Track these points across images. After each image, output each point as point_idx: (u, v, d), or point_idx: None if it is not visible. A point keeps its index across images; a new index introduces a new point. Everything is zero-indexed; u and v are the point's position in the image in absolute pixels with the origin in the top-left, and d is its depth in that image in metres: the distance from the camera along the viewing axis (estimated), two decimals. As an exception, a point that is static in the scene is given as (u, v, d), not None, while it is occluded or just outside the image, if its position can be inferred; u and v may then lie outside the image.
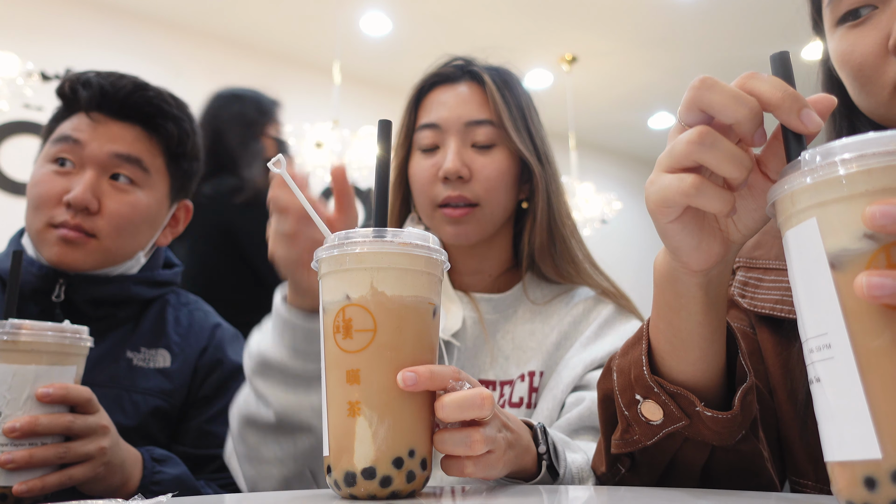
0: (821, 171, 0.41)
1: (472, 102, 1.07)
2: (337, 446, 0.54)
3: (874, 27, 0.69)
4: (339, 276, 0.56)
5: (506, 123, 1.05)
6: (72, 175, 1.10)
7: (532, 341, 1.04)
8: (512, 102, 1.08)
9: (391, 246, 0.56)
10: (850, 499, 0.40)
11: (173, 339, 1.18)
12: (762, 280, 0.82)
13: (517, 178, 1.09)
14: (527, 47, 5.02)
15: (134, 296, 1.16)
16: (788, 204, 0.44)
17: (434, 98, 1.10)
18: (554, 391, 0.96)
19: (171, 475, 0.99)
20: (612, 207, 5.38)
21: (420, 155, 1.09)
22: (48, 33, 4.18)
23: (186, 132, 1.20)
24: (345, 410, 0.54)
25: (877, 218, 0.37)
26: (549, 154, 1.11)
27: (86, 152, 1.10)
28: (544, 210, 1.07)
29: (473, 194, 1.03)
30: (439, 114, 1.07)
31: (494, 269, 1.12)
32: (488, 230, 1.07)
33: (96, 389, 1.09)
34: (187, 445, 1.14)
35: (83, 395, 0.83)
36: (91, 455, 0.83)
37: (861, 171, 0.39)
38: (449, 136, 1.06)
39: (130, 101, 1.13)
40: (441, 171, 1.03)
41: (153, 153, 1.16)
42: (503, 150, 1.07)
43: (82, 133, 1.11)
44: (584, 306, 1.06)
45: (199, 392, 1.17)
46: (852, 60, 0.71)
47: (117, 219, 1.10)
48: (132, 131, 1.14)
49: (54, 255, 1.08)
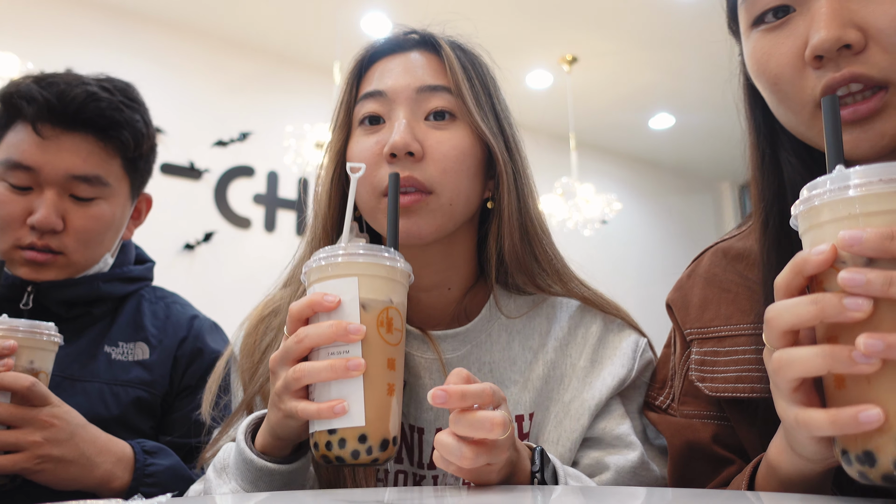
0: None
1: (425, 68, 0.89)
2: (376, 418, 0.65)
3: (791, 33, 0.64)
4: (385, 281, 0.68)
5: (464, 93, 0.87)
6: (32, 195, 1.08)
7: (514, 372, 0.90)
8: (473, 74, 0.90)
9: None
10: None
11: (151, 331, 1.19)
12: (717, 353, 0.79)
13: (481, 164, 0.89)
14: (527, 47, 5.02)
15: (105, 294, 1.16)
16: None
17: (380, 66, 0.91)
18: (557, 446, 0.86)
19: (164, 466, 1.00)
20: (612, 208, 5.38)
21: (361, 132, 0.89)
22: (48, 33, 4.19)
23: (141, 133, 1.16)
24: (385, 390, 0.66)
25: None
26: (518, 144, 0.93)
27: (42, 176, 1.07)
28: (513, 205, 0.88)
29: (426, 177, 0.83)
30: (385, 81, 0.88)
31: (457, 282, 0.93)
32: (446, 226, 0.86)
33: (76, 384, 1.09)
34: (175, 436, 1.15)
35: (20, 382, 0.84)
36: (21, 446, 0.84)
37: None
38: (397, 106, 0.87)
39: (82, 116, 1.09)
40: (387, 146, 0.83)
41: (110, 162, 1.13)
42: (462, 126, 0.87)
43: (33, 157, 1.06)
44: (569, 322, 0.93)
45: (182, 382, 1.18)
46: (768, 71, 0.66)
47: (83, 233, 1.10)
48: (85, 144, 1.09)
49: (24, 275, 1.09)
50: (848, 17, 0.60)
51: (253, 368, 0.91)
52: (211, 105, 4.72)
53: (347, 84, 0.92)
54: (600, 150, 6.64)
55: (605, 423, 0.87)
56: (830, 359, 0.46)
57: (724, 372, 0.78)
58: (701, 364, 0.80)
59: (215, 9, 4.56)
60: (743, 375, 0.75)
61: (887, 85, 0.60)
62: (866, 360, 0.44)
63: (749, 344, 0.76)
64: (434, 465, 0.88)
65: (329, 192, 0.91)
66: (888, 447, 0.45)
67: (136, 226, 1.28)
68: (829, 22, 0.59)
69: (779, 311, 0.50)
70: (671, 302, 0.89)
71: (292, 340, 0.67)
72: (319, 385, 0.66)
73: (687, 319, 0.85)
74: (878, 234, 0.44)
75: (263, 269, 1.66)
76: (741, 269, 0.81)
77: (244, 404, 0.89)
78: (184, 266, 4.44)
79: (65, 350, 1.11)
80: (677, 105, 5.88)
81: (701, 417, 0.81)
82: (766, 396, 0.71)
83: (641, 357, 0.91)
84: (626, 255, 6.38)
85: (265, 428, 0.73)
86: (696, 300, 0.84)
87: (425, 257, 0.88)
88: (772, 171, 0.73)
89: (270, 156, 4.83)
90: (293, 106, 4.98)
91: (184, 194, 4.50)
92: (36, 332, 0.87)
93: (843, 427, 0.45)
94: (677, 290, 0.89)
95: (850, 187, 0.47)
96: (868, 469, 0.46)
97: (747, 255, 0.81)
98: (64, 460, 0.88)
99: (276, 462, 0.73)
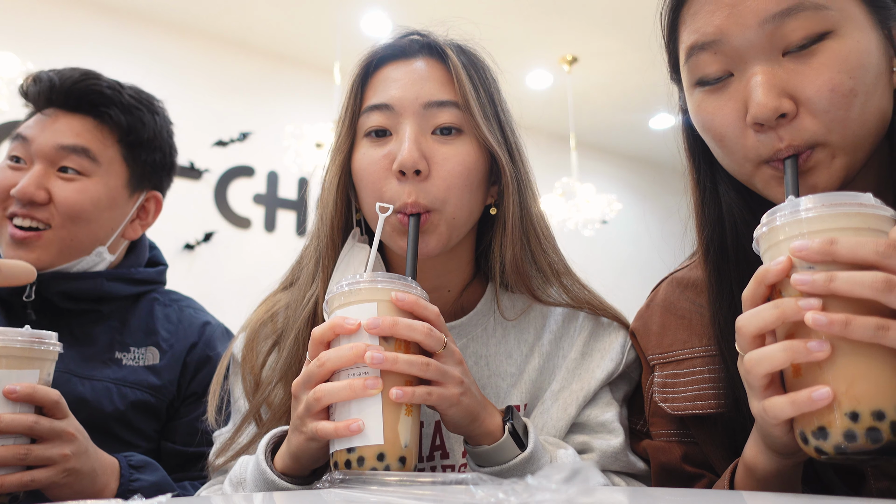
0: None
1: (432, 80, 0.88)
2: (395, 436, 0.68)
3: (731, 96, 0.72)
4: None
5: (472, 108, 0.87)
6: (23, 170, 1.12)
7: (510, 365, 0.93)
8: (479, 84, 0.90)
9: None
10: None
11: (162, 335, 1.19)
12: (677, 375, 0.86)
13: (485, 176, 0.90)
14: (527, 47, 5.02)
15: (109, 292, 1.16)
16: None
17: (384, 75, 0.90)
18: (542, 432, 0.88)
19: (149, 482, 0.99)
20: (612, 208, 5.38)
21: (367, 143, 0.89)
22: (48, 33, 4.19)
23: (141, 121, 1.19)
24: (403, 409, 0.69)
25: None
26: (521, 149, 0.94)
27: (33, 147, 1.12)
28: (516, 215, 0.89)
29: (430, 198, 0.84)
30: (391, 93, 0.87)
31: (456, 283, 0.96)
32: (451, 238, 0.87)
33: (85, 381, 1.09)
34: (177, 443, 1.16)
35: (50, 396, 0.84)
36: (53, 459, 0.83)
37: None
38: (404, 120, 0.86)
39: (76, 90, 1.15)
40: (395, 162, 0.84)
41: (104, 143, 1.17)
42: (469, 139, 0.88)
43: (31, 130, 1.14)
44: (563, 316, 0.96)
45: (189, 389, 1.18)
46: (713, 129, 0.74)
47: (67, 206, 1.11)
48: (81, 122, 1.15)
49: (11, 256, 1.09)
50: (781, 86, 0.68)
51: (255, 377, 0.92)
52: (211, 105, 4.72)
53: (352, 91, 0.91)
54: (600, 150, 6.64)
55: (592, 410, 0.91)
56: (791, 351, 0.55)
57: (683, 392, 0.85)
58: (663, 387, 0.88)
59: (215, 9, 4.56)
60: (701, 394, 0.82)
61: (814, 146, 0.68)
62: (819, 347, 0.53)
63: (704, 364, 0.84)
64: (433, 457, 0.89)
65: (335, 199, 0.91)
66: (837, 422, 0.53)
67: (144, 227, 1.28)
68: (766, 93, 0.67)
69: (748, 319, 0.58)
70: (634, 330, 0.96)
71: (314, 365, 0.69)
72: (339, 406, 0.69)
73: (648, 346, 0.92)
74: (820, 241, 0.54)
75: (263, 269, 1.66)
76: (692, 297, 0.90)
77: (251, 414, 0.90)
78: (184, 266, 4.44)
79: (77, 352, 1.11)
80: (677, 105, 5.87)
81: (669, 437, 0.88)
82: (722, 412, 0.79)
83: (631, 351, 0.95)
84: (626, 255, 6.38)
85: (286, 451, 0.74)
86: (656, 328, 0.92)
87: (427, 264, 0.90)
88: (711, 204, 0.82)
89: (270, 156, 4.83)
90: (293, 106, 4.98)
91: (184, 194, 4.49)
92: (46, 342, 0.85)
93: (800, 406, 0.54)
94: (639, 318, 0.96)
95: (800, 211, 0.57)
96: (822, 443, 0.54)
97: (697, 283, 0.90)
98: (81, 473, 0.88)
99: (297, 483, 0.75)
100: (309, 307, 0.89)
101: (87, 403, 1.07)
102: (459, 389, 0.71)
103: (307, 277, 0.92)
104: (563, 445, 0.84)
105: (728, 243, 0.79)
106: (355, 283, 0.71)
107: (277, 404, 0.88)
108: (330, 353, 0.69)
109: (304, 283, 0.93)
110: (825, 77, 0.66)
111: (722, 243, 0.80)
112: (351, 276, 0.73)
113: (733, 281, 0.78)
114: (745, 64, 0.70)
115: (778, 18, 0.67)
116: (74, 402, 1.04)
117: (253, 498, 0.71)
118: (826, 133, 0.67)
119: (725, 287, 0.79)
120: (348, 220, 0.94)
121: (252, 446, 0.89)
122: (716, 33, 0.71)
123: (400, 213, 0.84)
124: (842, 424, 0.53)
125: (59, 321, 1.13)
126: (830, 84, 0.66)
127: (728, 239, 0.79)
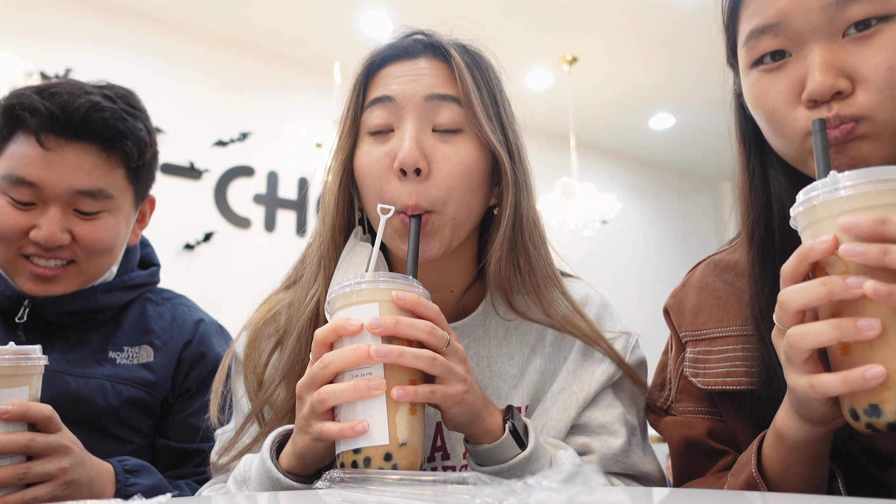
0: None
1: (434, 76, 0.88)
2: (400, 436, 0.68)
3: (787, 75, 0.73)
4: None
5: (475, 105, 0.86)
6: (35, 210, 1.06)
7: (512, 367, 0.92)
8: (483, 83, 0.89)
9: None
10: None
11: (156, 333, 1.19)
12: (710, 353, 0.88)
13: (487, 176, 0.90)
14: (527, 47, 5.02)
15: (104, 305, 1.16)
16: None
17: (387, 72, 0.90)
18: (541, 434, 0.88)
19: (145, 486, 0.99)
20: (612, 208, 5.37)
21: (369, 141, 0.88)
22: (48, 33, 4.18)
23: (144, 142, 1.14)
24: (408, 409, 0.69)
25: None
26: (522, 152, 0.93)
27: (45, 192, 1.05)
28: (510, 218, 0.88)
29: (430, 200, 0.84)
30: (393, 87, 0.87)
31: (458, 284, 0.96)
32: (453, 239, 0.87)
33: (78, 380, 1.08)
34: (172, 440, 1.16)
35: (43, 412, 0.83)
36: (53, 475, 0.83)
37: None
38: (405, 114, 0.86)
39: (86, 126, 1.07)
40: (396, 161, 0.83)
41: (113, 174, 1.11)
42: (470, 139, 0.87)
43: (36, 172, 1.04)
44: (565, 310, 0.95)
45: (183, 385, 1.18)
46: (766, 105, 0.75)
47: (92, 244, 1.09)
48: (89, 155, 1.07)
49: (33, 291, 1.08)
50: (839, 66, 0.69)
51: (258, 376, 0.92)
52: (211, 105, 4.73)
53: (354, 90, 0.91)
54: (600, 150, 6.65)
55: (593, 412, 0.91)
56: (840, 329, 0.55)
57: (714, 368, 0.86)
58: (694, 362, 0.89)
59: (215, 9, 4.56)
60: (732, 370, 0.84)
61: (860, 119, 0.69)
62: (869, 326, 0.54)
63: (737, 343, 0.86)
64: (434, 458, 0.89)
65: (337, 199, 0.91)
66: (891, 399, 0.54)
67: (142, 229, 1.27)
68: (824, 71, 0.69)
69: (791, 294, 0.58)
70: (668, 308, 0.98)
71: (318, 366, 0.69)
72: (344, 407, 0.69)
73: (682, 323, 0.94)
74: (872, 219, 0.54)
75: (263, 269, 1.66)
76: (730, 279, 0.91)
77: (254, 414, 0.90)
78: (184, 266, 4.44)
79: (70, 354, 1.11)
80: (677, 105, 5.88)
81: (696, 413, 0.90)
82: (752, 389, 0.81)
83: (632, 353, 0.95)
84: (626, 255, 6.38)
85: (291, 451, 0.75)
86: (691, 306, 0.94)
87: (429, 264, 0.90)
88: (760, 188, 0.83)
89: (270, 156, 4.83)
90: (293, 106, 4.98)
91: (184, 194, 4.50)
92: (32, 357, 0.84)
93: (853, 385, 0.55)
94: (673, 297, 0.99)
95: (840, 189, 0.57)
96: (875, 420, 0.55)
97: (735, 266, 0.91)
98: (80, 483, 0.88)
99: (302, 482, 0.74)
100: (311, 306, 0.89)
101: (80, 400, 1.07)
102: (463, 387, 0.71)
103: (309, 276, 0.92)
104: (563, 446, 0.84)
105: (774, 227, 0.81)
106: (357, 284, 0.71)
107: (280, 404, 0.88)
108: (333, 354, 0.69)
109: (306, 282, 0.93)
110: (883, 56, 0.68)
111: (768, 227, 0.81)
112: (352, 276, 0.73)
113: (777, 264, 0.78)
114: (805, 45, 0.71)
115: (842, 2, 0.69)
116: (67, 399, 1.05)
117: (253, 498, 0.71)
118: (875, 109, 0.68)
119: (769, 270, 0.80)
120: (350, 218, 0.93)
121: (255, 446, 0.89)
122: (777, 16, 0.72)
123: (401, 213, 0.84)
124: (895, 402, 0.54)
125: (52, 330, 1.13)
126: (888, 63, 0.67)
127: (775, 223, 0.81)
